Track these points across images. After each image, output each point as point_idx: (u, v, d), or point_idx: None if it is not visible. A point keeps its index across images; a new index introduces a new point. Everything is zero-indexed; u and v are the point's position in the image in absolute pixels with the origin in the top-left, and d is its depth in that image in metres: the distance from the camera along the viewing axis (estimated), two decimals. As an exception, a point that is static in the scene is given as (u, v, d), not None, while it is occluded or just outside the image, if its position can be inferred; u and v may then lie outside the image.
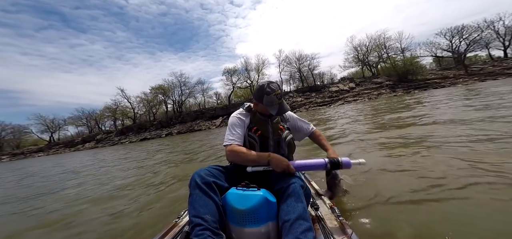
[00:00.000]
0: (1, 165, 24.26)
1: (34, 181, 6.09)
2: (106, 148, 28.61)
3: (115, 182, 4.07)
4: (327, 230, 0.94)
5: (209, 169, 1.02)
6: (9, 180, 7.20)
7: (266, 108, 1.18)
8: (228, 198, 0.92)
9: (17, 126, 45.24)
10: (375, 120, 6.58)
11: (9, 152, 41.31)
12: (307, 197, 1.03)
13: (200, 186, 0.91)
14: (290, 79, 43.43)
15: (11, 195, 4.35)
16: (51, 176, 6.68)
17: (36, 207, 3.06)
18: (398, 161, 2.51)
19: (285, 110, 1.22)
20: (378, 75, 37.25)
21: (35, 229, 2.24)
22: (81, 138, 40.83)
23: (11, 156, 38.45)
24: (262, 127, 1.20)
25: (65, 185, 4.55)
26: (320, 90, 36.11)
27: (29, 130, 45.04)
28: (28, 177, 7.14)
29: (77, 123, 45.87)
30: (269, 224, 0.89)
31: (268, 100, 1.16)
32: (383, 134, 4.17)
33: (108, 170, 6.10)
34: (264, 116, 1.25)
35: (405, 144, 3.18)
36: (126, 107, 43.51)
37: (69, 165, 9.41)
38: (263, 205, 0.87)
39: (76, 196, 3.39)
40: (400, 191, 1.71)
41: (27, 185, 5.47)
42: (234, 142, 1.14)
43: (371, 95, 29.27)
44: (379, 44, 38.41)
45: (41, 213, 2.78)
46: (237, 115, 1.25)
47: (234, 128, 1.19)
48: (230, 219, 0.92)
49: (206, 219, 0.83)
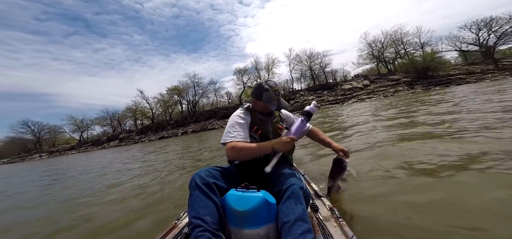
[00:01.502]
0: (47, 161, 27.02)
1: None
2: (129, 146, 30.76)
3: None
4: (327, 231, 0.94)
5: (209, 170, 1.01)
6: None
7: (266, 105, 1.21)
8: (228, 199, 0.92)
9: (53, 126, 50.55)
10: (405, 120, 5.29)
11: (47, 149, 46.32)
12: (307, 199, 1.02)
13: (200, 187, 0.91)
14: (301, 77, 43.17)
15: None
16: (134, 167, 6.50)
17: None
18: (403, 160, 2.39)
19: (284, 106, 1.24)
20: (395, 72, 35.61)
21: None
22: (106, 137, 44.42)
23: (48, 154, 43.09)
24: (262, 127, 1.21)
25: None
26: (332, 88, 35.47)
27: (63, 129, 50.11)
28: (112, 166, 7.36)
29: (102, 123, 49.90)
30: (269, 226, 0.89)
31: (267, 96, 1.20)
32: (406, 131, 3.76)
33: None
34: (264, 116, 1.26)
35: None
36: (145, 108, 46.35)
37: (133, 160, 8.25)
38: (262, 207, 0.87)
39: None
40: (404, 193, 1.66)
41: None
42: (235, 139, 1.13)
43: (387, 92, 28.17)
44: (395, 40, 36.68)
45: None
46: (238, 114, 1.26)
47: (235, 126, 1.18)
48: (229, 221, 0.92)
49: (206, 220, 0.83)
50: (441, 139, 3.00)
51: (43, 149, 46.87)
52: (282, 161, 1.25)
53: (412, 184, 1.80)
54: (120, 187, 3.74)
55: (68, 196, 3.65)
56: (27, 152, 46.84)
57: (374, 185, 1.93)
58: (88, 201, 3.10)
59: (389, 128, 4.84)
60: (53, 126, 50.51)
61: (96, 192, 3.60)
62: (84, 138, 49.37)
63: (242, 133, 1.16)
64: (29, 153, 46.33)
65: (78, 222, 2.32)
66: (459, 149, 2.39)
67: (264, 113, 1.28)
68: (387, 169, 2.24)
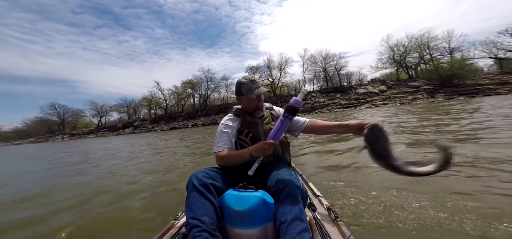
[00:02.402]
0: (71, 142, 29.09)
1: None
2: (142, 133, 32.25)
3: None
4: (324, 231, 0.94)
5: (206, 171, 1.02)
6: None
7: (247, 97, 1.21)
8: (226, 199, 0.92)
9: (76, 109, 54.35)
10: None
11: (68, 132, 49.84)
12: (304, 198, 1.03)
13: (197, 187, 0.92)
14: (314, 78, 42.24)
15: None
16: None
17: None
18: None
19: (263, 91, 1.23)
20: (416, 78, 33.59)
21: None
22: (122, 124, 46.78)
23: (70, 136, 46.37)
24: (252, 129, 1.20)
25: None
26: (346, 91, 34.31)
27: (84, 113, 53.64)
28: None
29: (119, 110, 52.75)
30: (267, 225, 0.89)
31: (245, 89, 1.21)
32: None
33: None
34: (254, 118, 1.24)
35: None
36: (159, 99, 48.21)
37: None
38: (260, 206, 0.87)
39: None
40: (401, 195, 1.67)
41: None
42: (221, 149, 1.17)
43: (404, 99, 26.68)
44: (420, 44, 34.46)
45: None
46: (225, 121, 1.26)
47: (221, 134, 1.21)
48: (227, 221, 0.92)
49: (203, 220, 0.84)
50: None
51: (65, 131, 50.45)
52: (279, 160, 1.23)
53: (409, 186, 1.81)
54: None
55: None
56: (51, 133, 50.76)
57: (374, 186, 1.93)
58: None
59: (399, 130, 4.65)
60: (76, 110, 54.31)
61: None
62: (102, 123, 52.39)
63: (227, 141, 1.19)
64: (53, 133, 50.18)
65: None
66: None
67: (252, 113, 1.26)
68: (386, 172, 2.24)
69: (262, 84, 1.28)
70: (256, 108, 1.26)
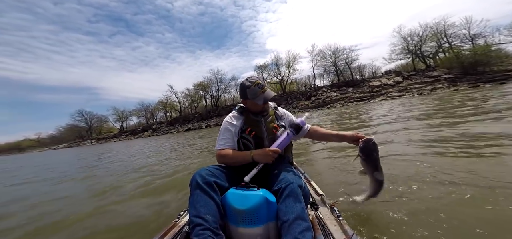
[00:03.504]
0: (99, 145, 30.82)
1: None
2: (160, 135, 33.91)
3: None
4: (327, 230, 0.94)
5: (210, 169, 1.02)
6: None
7: (253, 102, 1.20)
8: (228, 198, 0.92)
9: (100, 115, 58.75)
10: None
11: (95, 137, 54.13)
12: (306, 197, 1.02)
13: (201, 186, 0.92)
14: (324, 73, 41.55)
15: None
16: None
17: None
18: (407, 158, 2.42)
19: (270, 96, 1.21)
20: (434, 68, 31.75)
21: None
22: (142, 127, 49.73)
23: (97, 140, 50.40)
24: (255, 128, 1.20)
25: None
26: (359, 85, 33.38)
27: (108, 119, 57.86)
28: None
29: (138, 114, 56.06)
30: (269, 224, 0.89)
31: (251, 93, 1.19)
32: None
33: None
34: (257, 117, 1.23)
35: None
36: (174, 102, 50.49)
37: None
38: (262, 205, 0.87)
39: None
40: (405, 193, 1.66)
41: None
42: (223, 146, 1.17)
43: (423, 90, 25.43)
44: (437, 33, 32.54)
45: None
46: (228, 119, 1.26)
47: (224, 132, 1.21)
48: (229, 219, 0.92)
49: (206, 219, 0.84)
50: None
51: (92, 136, 54.87)
52: (282, 160, 1.23)
53: (415, 185, 1.79)
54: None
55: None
56: (81, 138, 55.51)
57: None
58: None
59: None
60: (101, 116, 58.70)
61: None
62: (123, 127, 56.15)
63: (229, 139, 1.20)
64: (82, 138, 54.85)
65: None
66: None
67: (257, 113, 1.25)
68: (388, 169, 2.23)
69: (271, 83, 1.56)
70: (262, 112, 1.25)
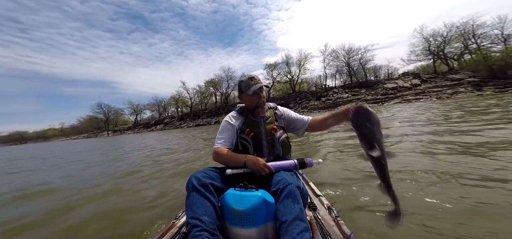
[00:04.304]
0: (115, 137, 32.55)
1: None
2: (172, 130, 34.99)
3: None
4: (325, 231, 0.94)
5: (205, 171, 1.04)
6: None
7: (247, 94, 1.23)
8: (227, 198, 0.92)
9: (117, 108, 61.90)
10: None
11: (112, 128, 57.20)
12: (304, 198, 1.02)
13: (197, 188, 0.93)
14: (336, 73, 40.42)
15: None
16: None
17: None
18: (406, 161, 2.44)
19: (259, 87, 1.22)
20: (458, 70, 29.64)
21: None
22: (154, 121, 51.67)
23: (113, 132, 53.25)
24: (254, 129, 1.21)
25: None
26: (372, 86, 32.09)
27: (124, 112, 60.82)
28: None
29: (151, 108, 58.39)
30: (267, 225, 0.89)
31: (245, 86, 1.24)
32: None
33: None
34: (256, 118, 1.24)
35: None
36: (185, 97, 51.97)
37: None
38: (261, 206, 0.87)
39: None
40: (406, 194, 1.66)
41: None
42: (220, 145, 1.19)
43: (442, 94, 23.89)
44: (464, 33, 30.23)
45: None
46: (228, 119, 1.27)
47: (223, 131, 1.24)
48: (228, 220, 0.92)
49: (203, 220, 0.85)
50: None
51: (109, 128, 58.03)
52: (280, 160, 1.23)
53: (415, 185, 1.78)
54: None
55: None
56: (98, 129, 58.93)
57: (373, 185, 1.89)
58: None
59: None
60: (117, 108, 61.82)
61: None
62: (138, 120, 58.74)
63: (228, 139, 1.22)
64: (99, 130, 58.21)
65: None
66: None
67: (254, 111, 1.26)
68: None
69: (281, 82, 1.48)
70: (257, 106, 1.25)
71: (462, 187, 1.73)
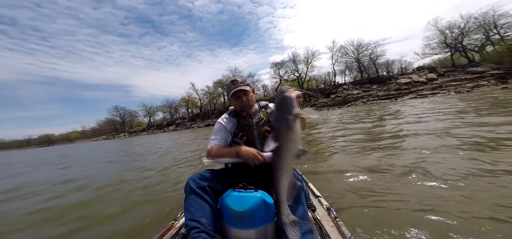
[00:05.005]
0: (131, 138, 33.96)
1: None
2: (183, 130, 36.11)
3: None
4: (324, 231, 0.94)
5: (203, 173, 1.03)
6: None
7: (232, 98, 1.23)
8: (226, 199, 0.91)
9: (132, 111, 65.02)
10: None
11: (128, 130, 60.18)
12: (306, 199, 1.03)
13: (195, 190, 0.94)
14: (346, 70, 39.39)
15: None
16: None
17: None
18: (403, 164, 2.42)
19: (236, 89, 1.20)
20: (479, 63, 27.70)
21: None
22: (166, 122, 53.60)
23: (129, 133, 56.02)
24: (247, 133, 1.20)
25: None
26: (385, 82, 30.91)
27: (138, 114, 63.70)
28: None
29: (163, 110, 60.48)
30: (267, 226, 0.88)
31: (227, 89, 1.26)
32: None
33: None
34: (248, 121, 1.23)
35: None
36: (195, 98, 53.26)
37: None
38: (260, 207, 0.86)
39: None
40: (401, 195, 1.67)
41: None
42: (214, 145, 1.20)
43: (462, 87, 22.47)
44: (483, 24, 28.22)
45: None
46: (220, 120, 1.28)
47: (216, 132, 1.24)
48: (227, 221, 0.91)
49: (201, 222, 0.86)
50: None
51: (125, 130, 61.14)
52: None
53: (413, 186, 1.79)
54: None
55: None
56: (115, 131, 62.32)
57: (373, 186, 1.89)
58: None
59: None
60: (132, 111, 64.85)
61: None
62: (151, 121, 61.25)
63: (222, 139, 1.22)
64: (117, 131, 61.51)
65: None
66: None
67: (246, 115, 1.24)
68: (390, 169, 2.25)
69: (288, 80, 1.38)
70: (242, 109, 1.23)
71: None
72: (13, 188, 4.16)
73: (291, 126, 0.72)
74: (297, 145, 0.75)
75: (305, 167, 2.85)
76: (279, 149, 0.74)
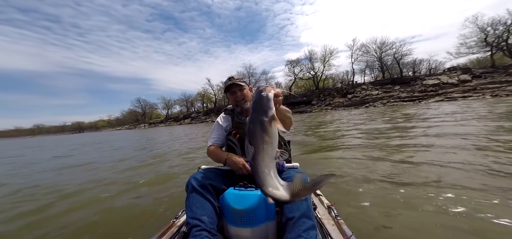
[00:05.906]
0: (153, 128, 35.80)
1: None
2: (198, 124, 37.46)
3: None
4: (325, 230, 0.94)
5: (204, 172, 1.05)
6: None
7: (228, 94, 1.27)
8: (226, 198, 0.92)
9: (152, 103, 68.65)
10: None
11: (147, 121, 63.98)
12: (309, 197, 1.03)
13: (196, 188, 0.94)
14: (366, 69, 37.28)
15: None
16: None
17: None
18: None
19: (231, 84, 1.22)
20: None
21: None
22: (183, 115, 55.84)
23: (148, 125, 59.52)
24: (240, 131, 1.21)
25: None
26: (409, 82, 28.72)
27: (157, 106, 67.18)
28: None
29: (180, 103, 63.01)
30: (267, 224, 0.88)
31: (224, 85, 1.28)
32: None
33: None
34: (241, 119, 1.25)
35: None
36: (210, 93, 54.66)
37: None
38: (261, 205, 0.87)
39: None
40: (401, 195, 1.66)
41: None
42: (212, 143, 1.26)
43: (500, 91, 20.00)
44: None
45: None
46: (218, 119, 1.32)
47: (214, 130, 1.30)
48: (228, 219, 0.91)
49: (202, 220, 0.86)
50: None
51: (146, 121, 65.10)
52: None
53: (408, 187, 1.78)
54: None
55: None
56: (137, 122, 66.60)
57: (373, 186, 1.88)
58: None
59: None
60: (152, 103, 68.52)
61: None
62: (169, 114, 64.32)
63: (219, 137, 1.28)
64: (137, 122, 65.71)
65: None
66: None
67: (240, 112, 1.26)
68: (388, 170, 2.26)
69: (303, 79, 1.39)
70: (237, 104, 1.25)
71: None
72: (124, 158, 5.43)
73: (266, 128, 0.66)
74: (275, 147, 0.68)
75: (306, 167, 2.80)
76: (255, 152, 0.67)
